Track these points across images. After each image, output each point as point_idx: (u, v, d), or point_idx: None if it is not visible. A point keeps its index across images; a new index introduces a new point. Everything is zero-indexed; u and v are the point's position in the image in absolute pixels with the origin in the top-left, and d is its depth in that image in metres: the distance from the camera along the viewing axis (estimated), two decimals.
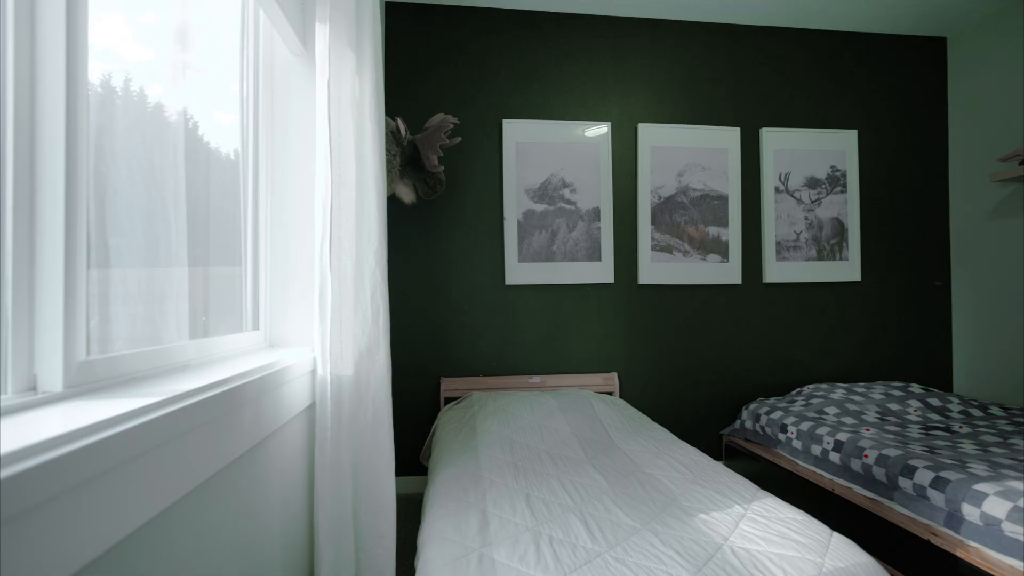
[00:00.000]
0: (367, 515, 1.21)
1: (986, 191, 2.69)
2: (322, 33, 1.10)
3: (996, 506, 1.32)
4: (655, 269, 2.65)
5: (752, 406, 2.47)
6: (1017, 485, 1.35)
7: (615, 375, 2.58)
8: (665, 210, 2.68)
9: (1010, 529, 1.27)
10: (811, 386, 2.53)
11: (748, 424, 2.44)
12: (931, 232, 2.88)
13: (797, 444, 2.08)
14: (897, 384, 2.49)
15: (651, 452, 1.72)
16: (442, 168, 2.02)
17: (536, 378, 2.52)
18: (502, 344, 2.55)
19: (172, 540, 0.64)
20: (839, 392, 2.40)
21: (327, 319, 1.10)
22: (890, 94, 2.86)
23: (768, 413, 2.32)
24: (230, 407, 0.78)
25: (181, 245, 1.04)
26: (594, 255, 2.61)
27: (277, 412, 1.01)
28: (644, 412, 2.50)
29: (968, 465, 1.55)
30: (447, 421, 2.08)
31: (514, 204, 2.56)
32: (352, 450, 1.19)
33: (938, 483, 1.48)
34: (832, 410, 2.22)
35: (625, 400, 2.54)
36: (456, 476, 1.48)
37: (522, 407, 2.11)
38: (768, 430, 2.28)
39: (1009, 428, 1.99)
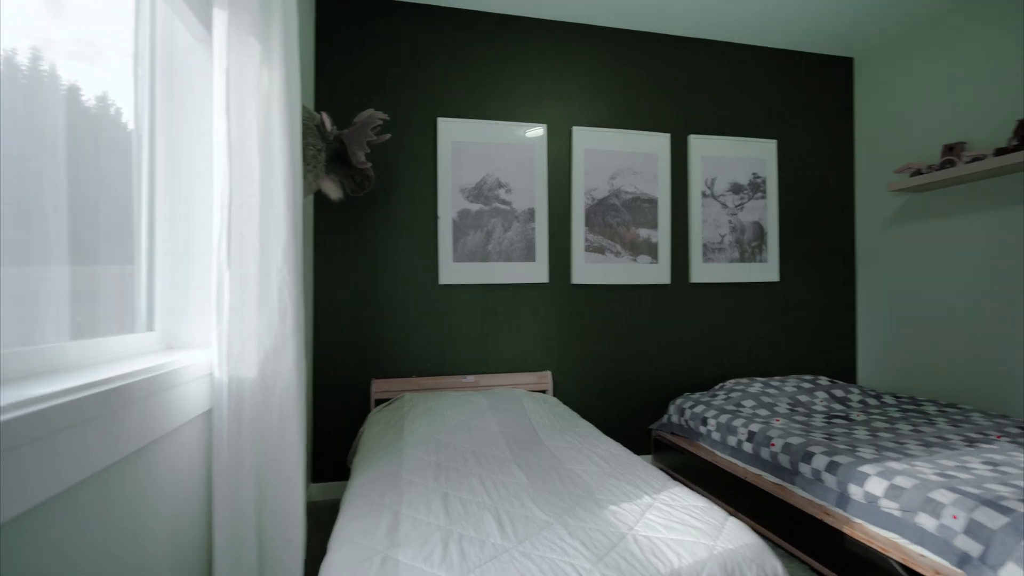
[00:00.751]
0: (273, 520, 1.17)
1: (885, 200, 2.95)
2: (220, 19, 1.05)
3: (876, 485, 1.45)
4: (588, 269, 2.72)
5: (678, 401, 2.58)
6: (894, 465, 1.49)
7: (549, 374, 2.62)
8: (598, 212, 2.75)
9: (886, 505, 1.40)
10: (732, 380, 2.68)
11: (674, 418, 2.54)
12: (840, 237, 3.13)
13: (716, 436, 2.20)
14: (808, 377, 2.69)
15: (575, 448, 1.76)
16: (370, 165, 1.97)
17: (470, 378, 2.51)
18: (436, 344, 2.53)
19: (21, 552, 0.59)
20: (757, 386, 2.55)
21: (224, 319, 1.05)
22: (805, 107, 3.09)
23: (692, 407, 2.43)
24: (98, 412, 0.73)
25: (61, 239, 0.97)
26: (529, 255, 2.64)
27: (166, 416, 0.95)
28: (576, 409, 2.56)
29: (857, 449, 1.69)
30: (375, 423, 2.04)
31: (449, 203, 2.55)
32: (256, 453, 1.15)
33: (831, 467, 1.61)
34: (749, 403, 2.36)
35: (558, 398, 2.58)
36: (375, 478, 1.46)
37: (453, 407, 2.10)
38: (691, 423, 2.39)
39: (897, 415, 2.20)
